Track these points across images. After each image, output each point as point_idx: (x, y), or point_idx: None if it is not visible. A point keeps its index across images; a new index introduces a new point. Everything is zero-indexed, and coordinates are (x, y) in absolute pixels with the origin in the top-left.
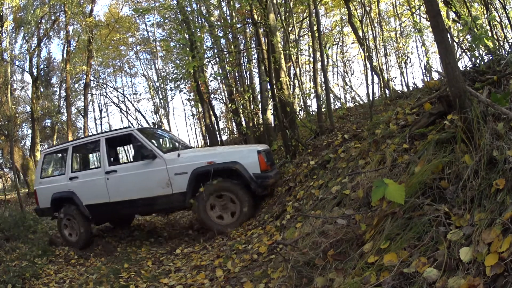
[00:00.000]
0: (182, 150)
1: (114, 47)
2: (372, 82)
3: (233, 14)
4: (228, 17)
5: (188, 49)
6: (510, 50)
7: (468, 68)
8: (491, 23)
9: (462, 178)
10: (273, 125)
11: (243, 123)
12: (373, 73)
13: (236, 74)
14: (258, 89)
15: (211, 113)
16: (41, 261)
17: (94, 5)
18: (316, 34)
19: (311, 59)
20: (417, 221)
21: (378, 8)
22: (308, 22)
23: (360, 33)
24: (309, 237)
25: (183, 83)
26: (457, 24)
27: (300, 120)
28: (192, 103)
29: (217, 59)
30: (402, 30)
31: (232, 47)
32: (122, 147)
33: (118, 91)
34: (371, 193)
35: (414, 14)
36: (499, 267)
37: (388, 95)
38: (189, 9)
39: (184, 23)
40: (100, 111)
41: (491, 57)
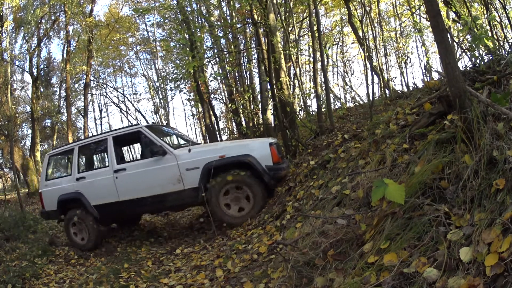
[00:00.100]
0: (193, 146)
1: (114, 47)
2: (372, 82)
3: (233, 14)
4: (228, 17)
5: (188, 49)
6: (510, 50)
7: (468, 68)
8: (491, 23)
9: (462, 178)
10: (273, 125)
11: (243, 123)
12: (373, 73)
13: (236, 74)
14: (258, 89)
15: (211, 113)
16: (41, 261)
17: (94, 5)
18: (316, 34)
19: (311, 59)
20: (417, 221)
21: (378, 8)
22: (308, 22)
23: (360, 33)
24: (309, 237)
25: (183, 83)
26: (457, 24)
27: (300, 120)
28: (192, 103)
29: (217, 59)
30: (402, 30)
31: (232, 47)
32: (123, 147)
33: (118, 91)
34: (371, 193)
35: (414, 14)
36: (499, 267)
37: (388, 95)
38: (189, 9)
39: (184, 23)
40: (100, 111)
41: (491, 57)
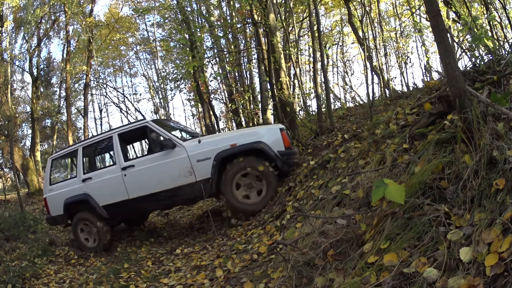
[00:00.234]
0: (202, 137)
1: (114, 47)
2: (372, 82)
3: (233, 14)
4: (228, 17)
5: (188, 49)
6: (510, 50)
7: (468, 68)
8: (491, 23)
9: (462, 178)
10: None
11: (243, 123)
12: (373, 73)
13: (236, 74)
14: (258, 89)
15: (211, 113)
16: (41, 261)
17: (94, 5)
18: (316, 34)
19: (311, 59)
20: (417, 221)
21: (378, 8)
22: (308, 22)
23: (360, 33)
24: (309, 237)
25: (183, 83)
26: (457, 24)
27: (300, 120)
28: (192, 103)
29: (217, 59)
30: (402, 30)
31: (232, 47)
32: (129, 145)
33: (118, 91)
34: (371, 193)
35: (414, 14)
36: (499, 267)
37: (388, 95)
38: (189, 9)
39: (184, 23)
40: (100, 111)
41: (491, 57)
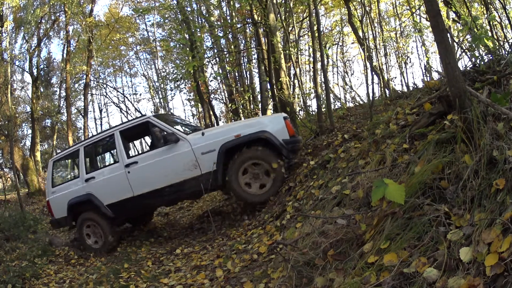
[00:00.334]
0: (205, 129)
1: (114, 47)
2: (372, 82)
3: (233, 14)
4: (228, 17)
5: (188, 49)
6: (510, 50)
7: (468, 68)
8: (491, 23)
9: (462, 178)
10: None
11: None
12: (373, 73)
13: (236, 74)
14: (258, 89)
15: (211, 113)
16: (41, 261)
17: (94, 5)
18: (316, 34)
19: (311, 59)
20: (417, 221)
21: (378, 8)
22: (308, 22)
23: (360, 33)
24: (309, 237)
25: (183, 83)
26: (457, 24)
27: (300, 120)
28: (192, 103)
29: (217, 59)
30: (402, 30)
31: (232, 47)
32: (131, 142)
33: (118, 91)
34: (371, 193)
35: (414, 14)
36: (499, 267)
37: (388, 95)
38: (189, 9)
39: (184, 23)
40: (100, 111)
41: (491, 57)
